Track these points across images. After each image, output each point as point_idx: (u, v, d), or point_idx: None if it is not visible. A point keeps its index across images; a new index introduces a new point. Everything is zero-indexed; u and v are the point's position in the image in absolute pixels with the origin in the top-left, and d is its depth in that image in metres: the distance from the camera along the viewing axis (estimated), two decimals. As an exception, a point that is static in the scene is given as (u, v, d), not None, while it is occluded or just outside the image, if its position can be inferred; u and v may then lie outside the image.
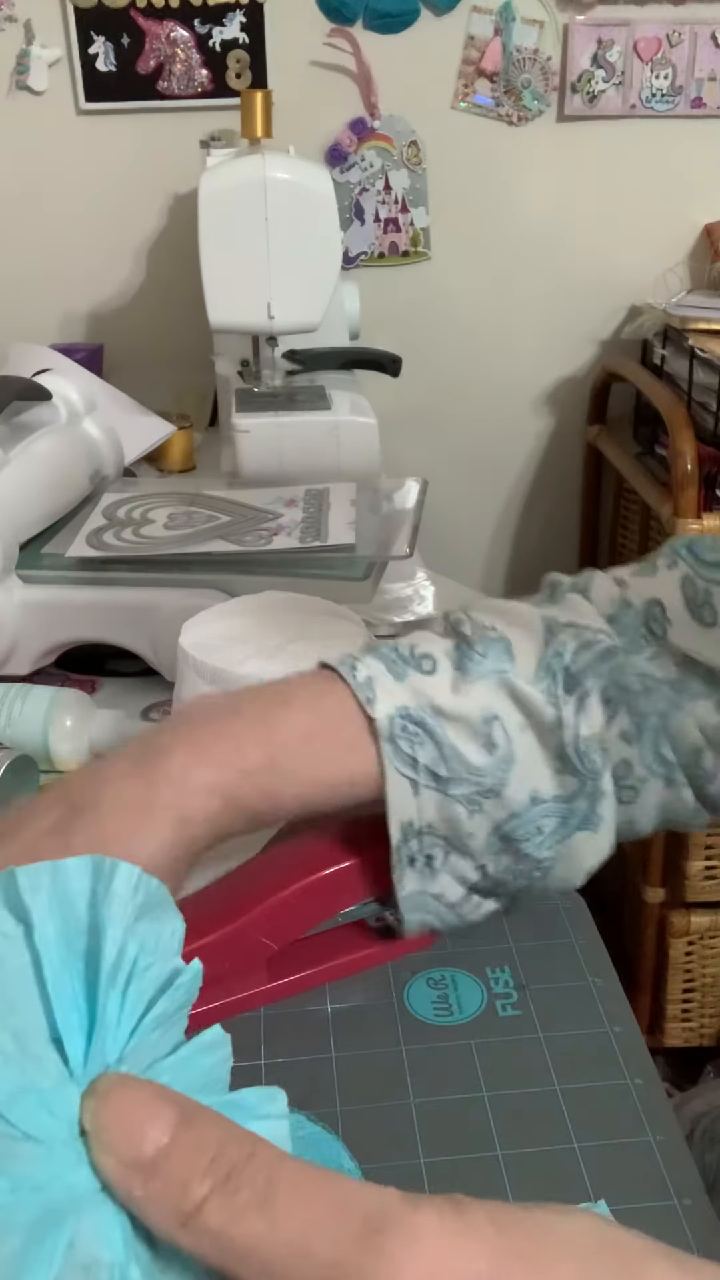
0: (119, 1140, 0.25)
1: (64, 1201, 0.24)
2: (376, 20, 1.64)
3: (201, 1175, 0.24)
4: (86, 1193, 0.24)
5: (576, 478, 1.95)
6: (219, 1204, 0.24)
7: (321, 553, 0.90)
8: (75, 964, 0.26)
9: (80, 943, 0.26)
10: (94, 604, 0.90)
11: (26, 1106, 0.24)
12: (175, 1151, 0.25)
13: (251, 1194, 0.24)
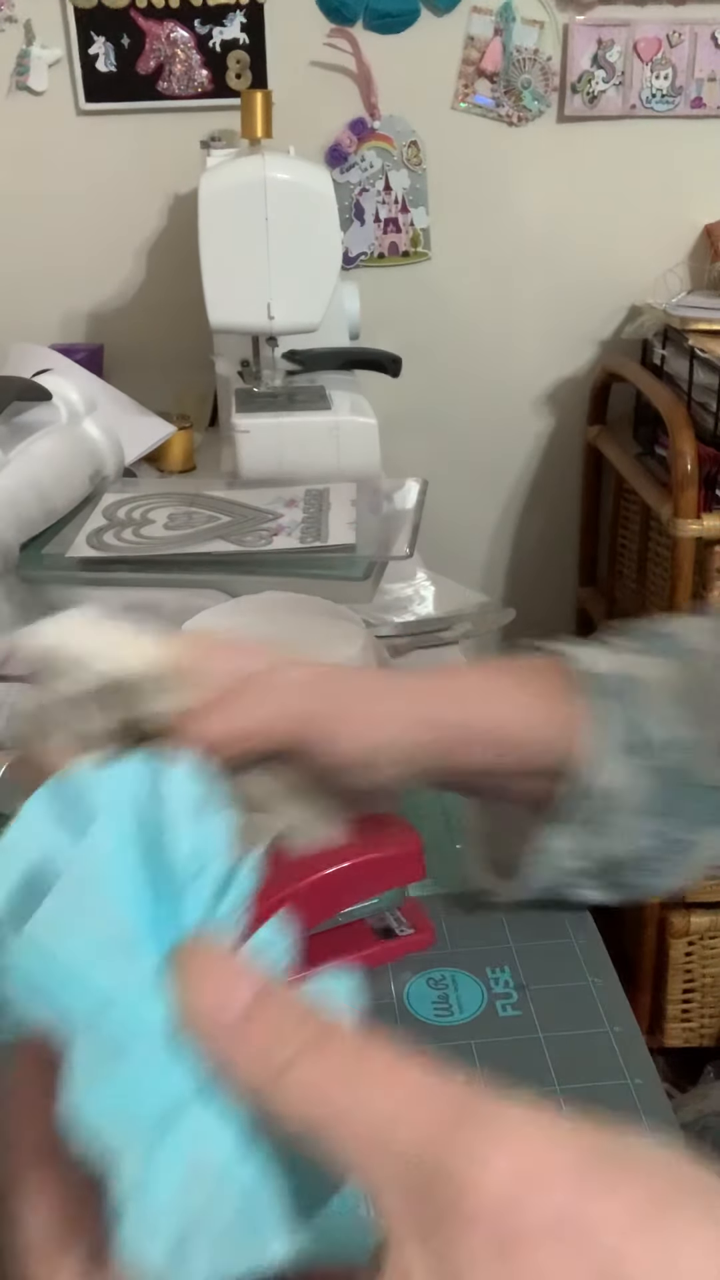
0: (202, 996, 0.24)
1: (170, 1106, 0.23)
2: (376, 20, 1.64)
3: (286, 1040, 0.24)
4: (189, 1094, 0.24)
5: (576, 478, 1.95)
6: (303, 1070, 0.24)
7: (321, 553, 0.90)
8: (144, 866, 0.25)
9: (146, 843, 0.26)
10: (94, 604, 0.90)
11: (118, 1015, 0.24)
12: (260, 1013, 0.24)
13: (338, 1065, 0.24)
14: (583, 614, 2.02)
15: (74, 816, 0.25)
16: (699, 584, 1.57)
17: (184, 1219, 0.22)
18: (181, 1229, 0.22)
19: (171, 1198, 0.22)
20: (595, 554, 1.99)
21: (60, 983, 0.23)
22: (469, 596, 1.09)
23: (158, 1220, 0.22)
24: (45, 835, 0.24)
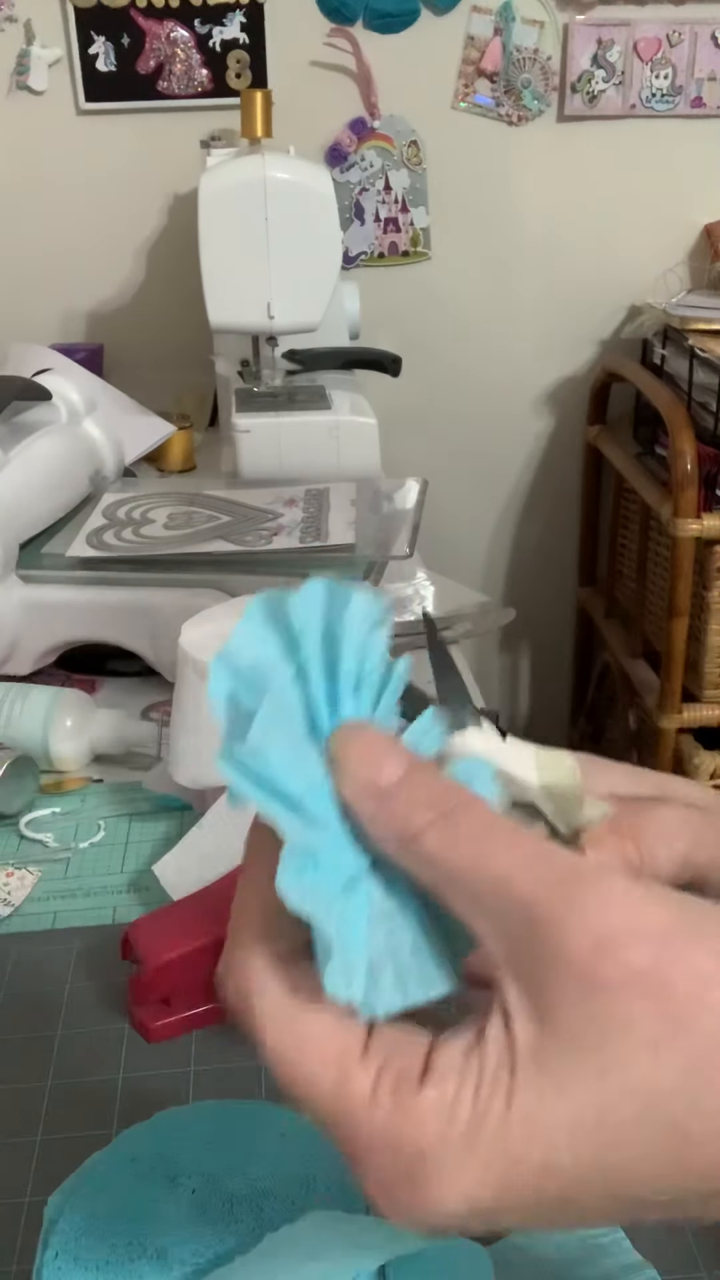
0: (360, 767, 0.29)
1: (351, 875, 0.29)
2: (376, 20, 1.64)
3: (427, 806, 0.28)
4: (363, 866, 0.29)
5: (576, 478, 1.95)
6: (439, 832, 0.28)
7: (321, 553, 0.90)
8: (326, 675, 0.30)
9: (329, 653, 0.31)
10: (94, 604, 0.90)
11: (311, 801, 0.29)
12: (407, 783, 0.29)
13: (469, 829, 0.28)
14: (583, 614, 2.02)
15: (279, 628, 0.30)
16: (699, 584, 1.57)
17: (370, 960, 0.28)
18: (370, 968, 0.28)
19: (359, 945, 0.28)
20: (595, 554, 1.99)
21: (272, 780, 0.28)
22: (469, 596, 1.09)
23: (351, 962, 0.28)
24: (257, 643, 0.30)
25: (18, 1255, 0.47)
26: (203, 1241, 0.44)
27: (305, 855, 0.28)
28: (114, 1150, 0.49)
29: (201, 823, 0.68)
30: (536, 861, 0.28)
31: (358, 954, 0.28)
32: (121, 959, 0.61)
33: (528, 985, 0.27)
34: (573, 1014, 0.26)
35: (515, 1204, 0.27)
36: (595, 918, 0.26)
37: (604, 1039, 0.26)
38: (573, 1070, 0.26)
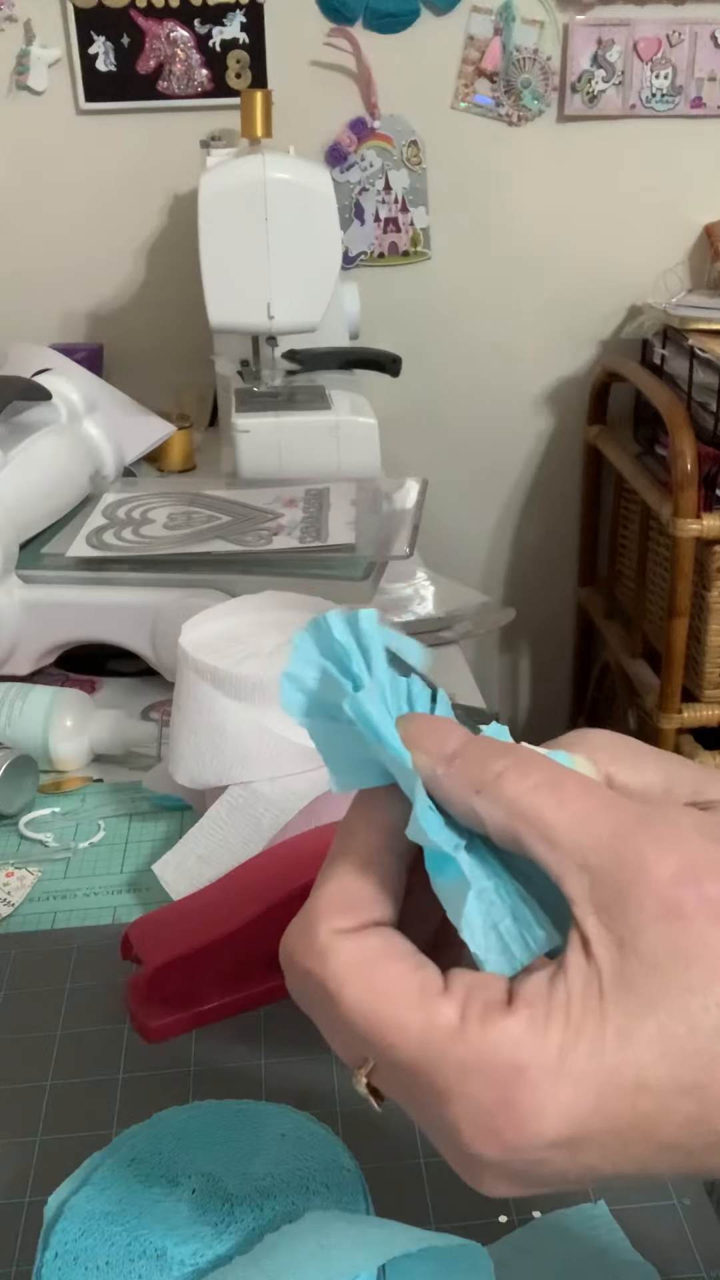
0: (427, 739, 0.31)
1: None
2: (376, 20, 1.64)
3: (499, 756, 0.30)
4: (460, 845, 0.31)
5: (576, 478, 1.95)
6: (515, 778, 0.30)
7: (321, 553, 0.90)
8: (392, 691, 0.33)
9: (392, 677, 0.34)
10: (94, 604, 0.90)
11: None
12: (475, 744, 0.31)
13: (543, 777, 0.30)
14: (582, 614, 2.02)
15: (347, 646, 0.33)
16: (699, 584, 1.57)
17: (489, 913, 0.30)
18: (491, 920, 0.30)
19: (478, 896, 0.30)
20: (595, 554, 1.99)
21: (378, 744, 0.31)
22: (469, 596, 1.09)
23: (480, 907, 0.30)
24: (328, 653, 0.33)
25: (18, 1255, 0.47)
26: (203, 1241, 0.44)
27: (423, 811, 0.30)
28: (114, 1150, 0.49)
29: (201, 823, 0.68)
30: (611, 803, 0.29)
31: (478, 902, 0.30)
32: (121, 959, 0.61)
33: (607, 915, 0.28)
34: (653, 938, 0.27)
35: (608, 1126, 0.27)
36: (672, 851, 0.28)
37: (686, 960, 0.27)
38: (659, 988, 0.27)
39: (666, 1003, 0.27)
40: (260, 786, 0.66)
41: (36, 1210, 0.47)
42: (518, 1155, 0.28)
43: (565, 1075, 0.27)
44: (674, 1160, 0.28)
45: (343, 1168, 0.47)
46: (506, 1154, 0.28)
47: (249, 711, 0.66)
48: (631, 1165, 0.28)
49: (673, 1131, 0.27)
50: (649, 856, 0.28)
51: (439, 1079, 0.28)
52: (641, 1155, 0.28)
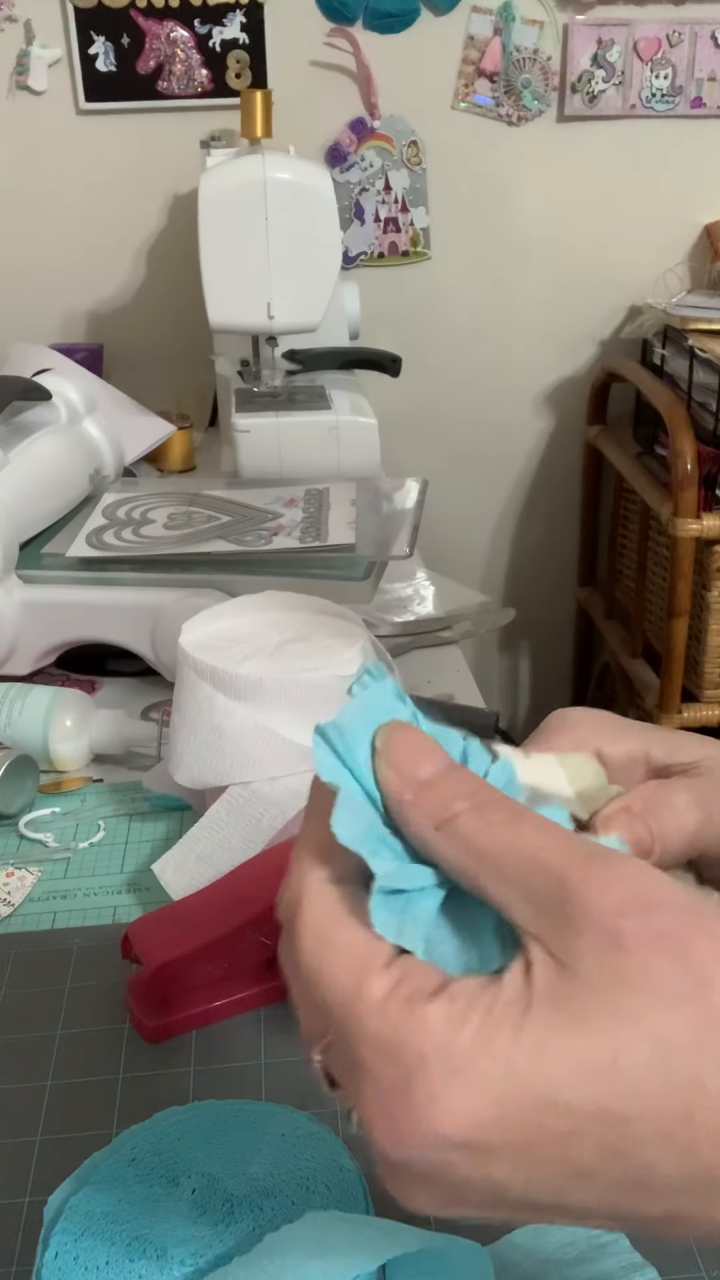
0: (403, 759, 0.31)
1: None
2: (376, 20, 1.64)
3: (463, 797, 0.30)
4: None
5: (576, 478, 1.95)
6: (473, 817, 0.30)
7: (321, 553, 0.90)
8: None
9: None
10: (94, 604, 0.90)
11: None
12: (445, 778, 0.31)
13: (500, 817, 0.30)
14: (582, 614, 2.02)
15: None
16: (699, 584, 1.57)
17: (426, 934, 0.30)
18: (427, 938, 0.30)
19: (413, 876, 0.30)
20: (595, 554, 1.99)
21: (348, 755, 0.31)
22: (469, 596, 1.09)
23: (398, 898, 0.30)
24: None
25: (18, 1255, 0.47)
26: (203, 1241, 0.44)
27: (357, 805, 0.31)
28: (114, 1150, 0.49)
29: (201, 823, 0.68)
30: (564, 841, 0.29)
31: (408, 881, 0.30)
32: (121, 959, 0.61)
33: (551, 942, 0.28)
34: (594, 966, 0.27)
35: (512, 1140, 0.26)
36: (622, 885, 0.28)
37: (624, 989, 0.26)
38: (589, 1010, 0.27)
39: (596, 1026, 0.26)
40: (260, 786, 0.66)
41: (36, 1210, 0.47)
42: (414, 1150, 0.27)
43: (465, 1075, 0.27)
44: (592, 1192, 0.27)
45: (343, 1168, 0.47)
46: (402, 1145, 0.27)
47: (249, 711, 0.66)
48: (547, 1190, 0.27)
49: (588, 1158, 0.26)
50: (594, 888, 0.28)
51: (355, 1048, 0.28)
52: (555, 1179, 0.27)
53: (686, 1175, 0.26)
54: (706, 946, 0.27)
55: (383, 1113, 0.27)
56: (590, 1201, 0.27)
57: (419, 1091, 0.27)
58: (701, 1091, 0.26)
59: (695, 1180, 0.26)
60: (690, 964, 0.27)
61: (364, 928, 0.30)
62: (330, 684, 0.65)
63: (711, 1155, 0.26)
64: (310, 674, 0.66)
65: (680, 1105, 0.26)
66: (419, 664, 0.97)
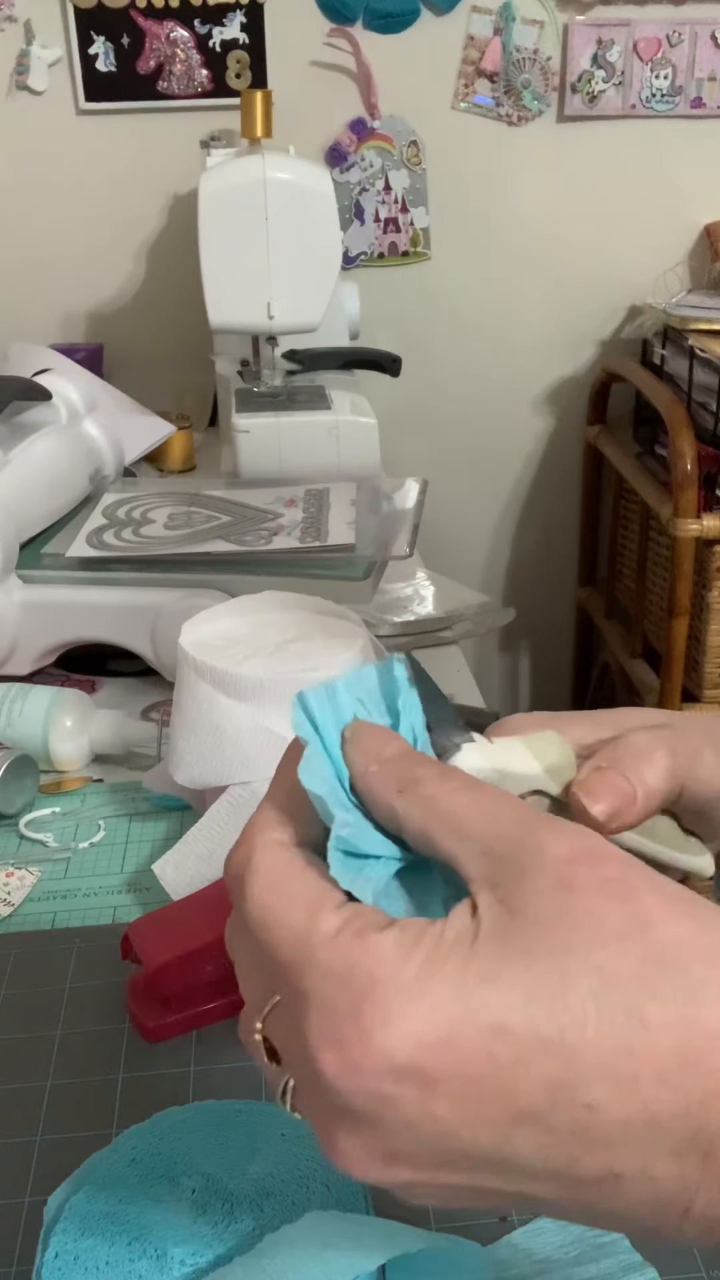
0: (369, 741, 0.33)
1: None
2: (376, 20, 1.64)
3: (425, 764, 0.32)
4: None
5: (576, 478, 1.95)
6: (435, 783, 0.31)
7: (321, 553, 0.90)
8: None
9: None
10: (94, 604, 0.90)
11: None
12: (406, 754, 0.33)
13: (461, 783, 0.31)
14: (582, 614, 2.02)
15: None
16: (699, 584, 1.57)
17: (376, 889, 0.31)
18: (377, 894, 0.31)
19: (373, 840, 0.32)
20: (595, 554, 1.99)
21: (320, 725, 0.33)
22: (469, 596, 1.09)
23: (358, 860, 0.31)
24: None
25: (18, 1255, 0.47)
26: (203, 1241, 0.44)
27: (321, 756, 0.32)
28: (114, 1150, 0.49)
29: (201, 823, 0.68)
30: (520, 806, 0.31)
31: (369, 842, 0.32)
32: (121, 959, 0.61)
33: (502, 891, 0.28)
34: (542, 906, 0.28)
35: (459, 1067, 0.26)
36: (574, 839, 0.29)
37: (570, 926, 0.27)
38: (536, 945, 0.27)
39: (543, 955, 0.27)
40: (260, 786, 0.66)
41: (36, 1210, 0.47)
42: (363, 1079, 0.27)
43: (418, 995, 0.27)
44: (533, 1141, 0.26)
45: (343, 1168, 0.47)
46: (350, 1073, 0.27)
47: (249, 711, 0.66)
48: (488, 1137, 0.27)
49: (532, 1093, 0.26)
50: (547, 840, 0.29)
51: (304, 982, 0.28)
52: (498, 1121, 0.26)
53: (627, 1118, 0.26)
54: (649, 892, 0.28)
55: (331, 1040, 0.27)
56: (530, 1152, 0.27)
57: (370, 1013, 0.27)
58: (642, 1024, 0.26)
59: (634, 1125, 0.26)
60: (634, 906, 0.27)
61: (318, 877, 0.30)
62: (330, 684, 0.65)
63: (652, 1091, 0.26)
64: (310, 674, 0.66)
65: (622, 1038, 0.26)
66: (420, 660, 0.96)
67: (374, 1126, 0.27)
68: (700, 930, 0.27)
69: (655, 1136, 0.26)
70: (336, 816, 0.31)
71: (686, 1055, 0.26)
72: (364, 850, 0.32)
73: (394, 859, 0.32)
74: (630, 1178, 0.27)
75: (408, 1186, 0.29)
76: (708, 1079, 0.26)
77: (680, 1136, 0.26)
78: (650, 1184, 0.26)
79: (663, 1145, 0.26)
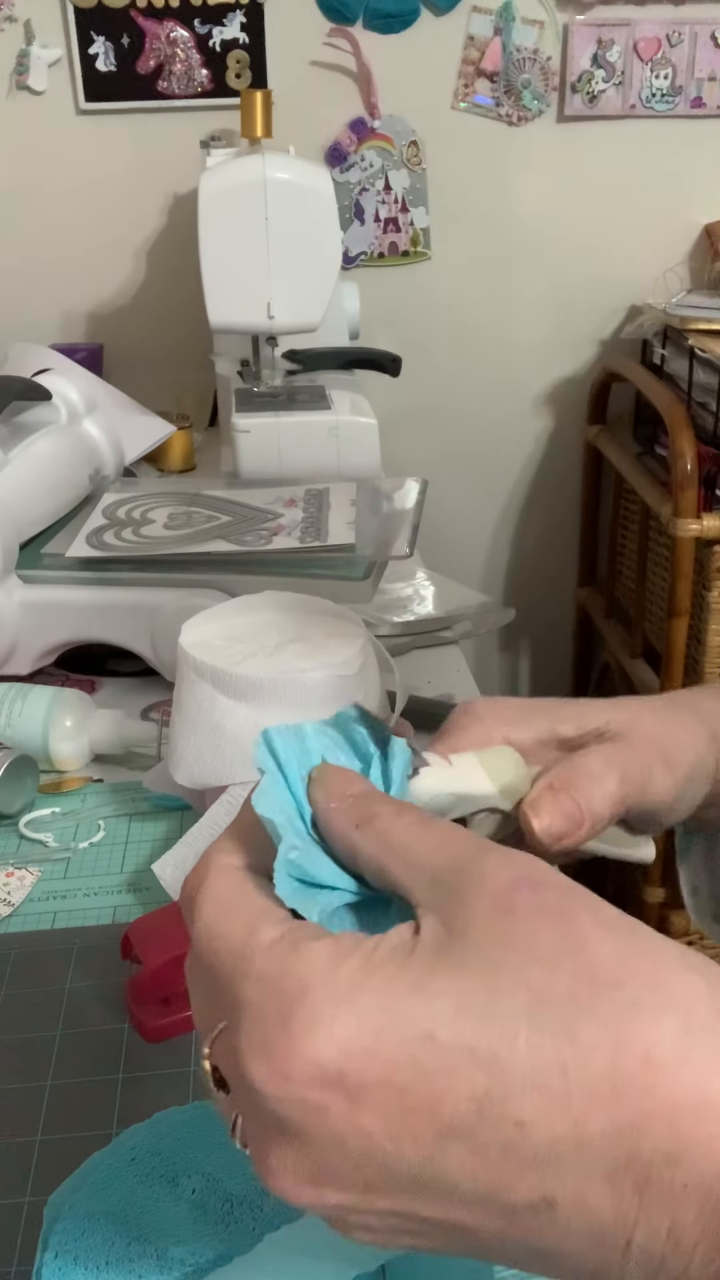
0: (332, 781, 0.34)
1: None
2: (376, 20, 1.64)
3: (381, 802, 0.33)
4: None
5: (576, 478, 1.95)
6: (389, 818, 0.32)
7: (321, 553, 0.90)
8: None
9: None
10: (94, 604, 0.90)
11: None
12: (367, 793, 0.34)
13: (414, 818, 0.32)
14: (582, 614, 2.02)
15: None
16: (699, 584, 1.57)
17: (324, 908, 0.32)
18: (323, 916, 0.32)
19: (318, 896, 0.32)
20: (595, 554, 1.99)
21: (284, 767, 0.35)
22: (469, 596, 1.09)
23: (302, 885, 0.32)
24: None
25: (18, 1255, 0.47)
26: (203, 1241, 0.44)
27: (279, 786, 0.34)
28: (114, 1150, 0.49)
29: (201, 823, 0.68)
30: (470, 838, 0.31)
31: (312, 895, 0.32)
32: (121, 959, 0.61)
33: (445, 914, 0.29)
34: (481, 929, 0.28)
35: (386, 1075, 0.26)
36: (516, 868, 0.29)
37: (506, 947, 0.27)
38: (471, 961, 0.27)
39: (476, 971, 0.27)
40: (260, 786, 0.66)
41: (36, 1210, 0.47)
42: (289, 1087, 0.27)
43: (346, 1002, 0.27)
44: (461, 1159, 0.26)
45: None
46: (277, 1079, 0.27)
47: (249, 711, 0.66)
48: (416, 1152, 0.26)
49: (459, 1105, 0.26)
50: (490, 867, 0.29)
51: (240, 993, 0.28)
52: (425, 1135, 0.26)
53: (557, 1137, 0.25)
54: (587, 915, 0.28)
55: (261, 1047, 0.27)
56: (459, 1172, 0.26)
57: (299, 1018, 0.27)
58: (573, 1041, 0.26)
59: (565, 1146, 0.25)
60: (570, 927, 0.28)
61: (265, 898, 0.31)
62: (330, 684, 0.65)
63: (582, 1110, 0.25)
64: (310, 674, 0.66)
65: (553, 1054, 0.26)
66: (419, 664, 0.97)
67: (302, 1139, 0.27)
68: (636, 952, 0.27)
69: (587, 1160, 0.25)
70: (284, 839, 0.31)
71: (618, 1075, 0.25)
72: (317, 879, 0.32)
73: (349, 891, 0.33)
74: (564, 1205, 0.26)
75: (341, 1212, 0.28)
76: (639, 1100, 0.25)
77: (613, 1161, 0.25)
78: (586, 1214, 0.26)
79: (596, 1169, 0.25)
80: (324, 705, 0.65)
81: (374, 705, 0.69)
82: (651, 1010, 0.26)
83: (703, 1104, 0.25)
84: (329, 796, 0.34)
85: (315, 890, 0.32)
